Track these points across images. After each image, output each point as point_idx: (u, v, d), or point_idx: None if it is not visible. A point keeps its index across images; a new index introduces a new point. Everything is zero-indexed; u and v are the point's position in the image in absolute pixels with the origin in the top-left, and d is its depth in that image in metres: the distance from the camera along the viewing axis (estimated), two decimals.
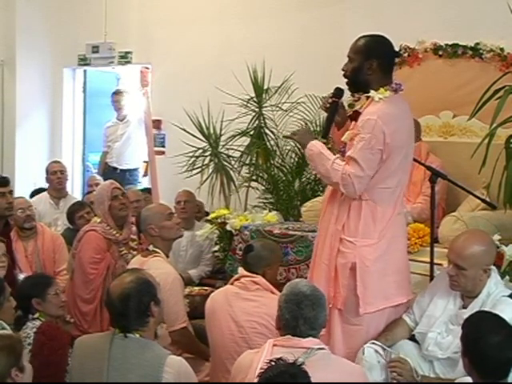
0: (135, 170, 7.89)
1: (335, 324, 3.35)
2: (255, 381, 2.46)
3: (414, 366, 3.13)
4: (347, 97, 3.70)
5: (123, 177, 7.52)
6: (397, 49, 5.28)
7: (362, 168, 3.23)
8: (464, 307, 3.25)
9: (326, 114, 3.57)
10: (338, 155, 3.34)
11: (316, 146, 3.40)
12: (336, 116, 3.49)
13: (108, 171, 7.67)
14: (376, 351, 3.17)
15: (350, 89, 3.49)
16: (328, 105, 3.49)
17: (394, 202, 3.39)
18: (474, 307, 3.19)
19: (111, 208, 4.59)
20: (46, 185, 6.60)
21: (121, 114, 7.78)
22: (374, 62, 3.33)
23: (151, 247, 4.03)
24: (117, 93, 7.81)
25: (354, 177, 3.24)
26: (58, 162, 6.79)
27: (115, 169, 7.74)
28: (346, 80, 3.44)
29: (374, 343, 3.19)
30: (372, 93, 3.33)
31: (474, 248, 3.21)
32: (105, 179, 6.43)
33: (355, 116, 3.38)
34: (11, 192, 4.78)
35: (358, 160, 3.23)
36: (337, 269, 3.35)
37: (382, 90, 3.32)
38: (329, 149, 3.45)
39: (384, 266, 3.33)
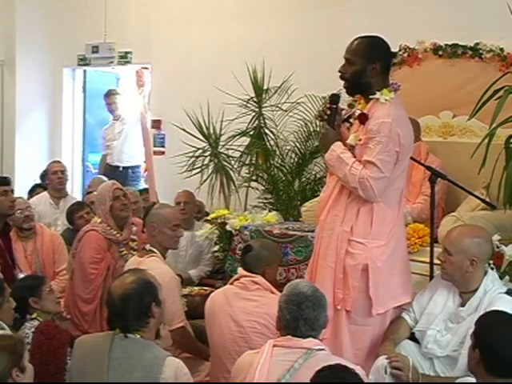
0: (137, 166, 7.89)
1: (342, 326, 3.35)
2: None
3: (414, 363, 3.14)
4: (347, 97, 3.70)
5: (126, 175, 7.53)
6: (397, 49, 5.36)
7: (381, 171, 3.25)
8: (462, 305, 3.26)
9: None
10: (355, 159, 3.32)
11: (335, 150, 3.37)
12: (335, 122, 3.48)
13: (110, 170, 7.69)
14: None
15: (348, 91, 3.47)
16: (328, 111, 3.46)
17: (400, 203, 3.43)
18: (472, 305, 3.21)
19: (112, 208, 4.58)
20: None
21: (116, 114, 7.78)
22: (377, 64, 3.34)
23: (148, 246, 4.03)
24: (109, 94, 7.79)
25: (372, 180, 3.25)
26: (59, 161, 6.79)
27: (117, 167, 7.76)
28: (343, 82, 3.42)
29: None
30: (378, 95, 3.33)
31: (465, 236, 3.27)
32: (108, 178, 6.44)
33: (362, 119, 3.36)
34: (12, 191, 4.78)
35: (376, 163, 3.24)
36: (345, 270, 3.34)
37: (385, 91, 3.34)
38: None
39: (392, 267, 3.36)
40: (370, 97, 3.37)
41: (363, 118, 3.35)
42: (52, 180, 6.42)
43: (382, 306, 3.33)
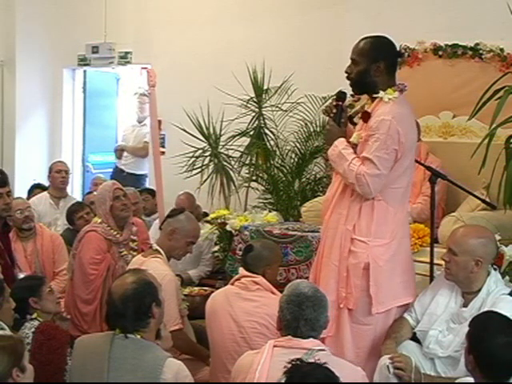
0: (142, 175, 7.90)
1: (344, 324, 3.36)
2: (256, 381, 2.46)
3: (417, 364, 3.13)
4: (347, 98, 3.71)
5: (129, 180, 7.53)
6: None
7: (378, 168, 3.25)
8: (464, 306, 3.26)
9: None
10: (355, 156, 3.34)
11: (338, 146, 3.40)
12: (342, 120, 3.49)
13: (115, 172, 7.70)
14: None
15: (355, 91, 3.50)
16: (334, 109, 3.48)
17: (403, 203, 3.43)
18: (474, 305, 3.21)
19: (113, 208, 4.56)
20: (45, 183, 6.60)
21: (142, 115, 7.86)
22: (381, 63, 3.35)
23: (155, 246, 4.03)
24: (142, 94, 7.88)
25: (368, 177, 3.26)
26: (63, 162, 6.80)
27: (122, 171, 7.76)
28: (349, 82, 3.44)
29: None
30: (381, 93, 3.34)
31: (469, 237, 3.27)
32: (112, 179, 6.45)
33: (365, 117, 3.38)
34: (9, 192, 4.73)
35: (373, 160, 3.25)
36: (348, 269, 3.35)
37: (390, 90, 3.35)
38: None
39: (394, 266, 3.36)
40: (374, 96, 3.39)
41: (366, 116, 3.37)
42: (55, 178, 6.39)
43: (382, 304, 3.33)
